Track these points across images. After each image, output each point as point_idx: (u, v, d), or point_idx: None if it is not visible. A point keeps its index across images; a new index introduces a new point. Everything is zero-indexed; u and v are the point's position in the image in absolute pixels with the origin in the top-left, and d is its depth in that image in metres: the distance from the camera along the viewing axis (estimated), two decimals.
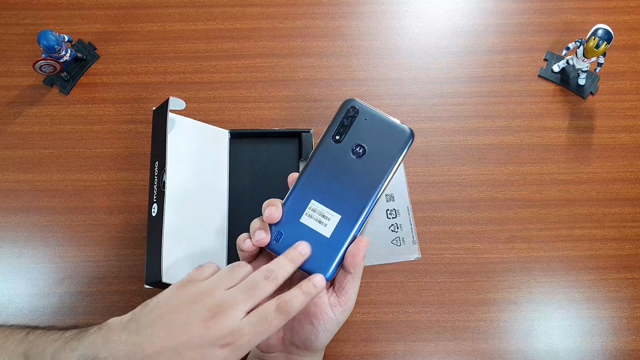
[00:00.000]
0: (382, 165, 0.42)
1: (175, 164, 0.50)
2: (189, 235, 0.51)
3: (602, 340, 0.56)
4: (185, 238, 0.51)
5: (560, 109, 0.65)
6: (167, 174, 0.49)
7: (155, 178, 0.50)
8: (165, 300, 0.38)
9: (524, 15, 0.69)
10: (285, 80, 0.67)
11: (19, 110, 0.66)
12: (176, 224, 0.49)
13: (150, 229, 0.49)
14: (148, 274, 0.48)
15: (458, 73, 0.67)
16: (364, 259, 0.41)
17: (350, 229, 0.41)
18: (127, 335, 0.36)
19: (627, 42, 0.68)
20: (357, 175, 0.42)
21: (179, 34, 0.69)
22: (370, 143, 0.42)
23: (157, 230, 0.48)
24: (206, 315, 0.37)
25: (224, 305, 0.37)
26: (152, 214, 0.49)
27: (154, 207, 0.49)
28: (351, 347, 0.56)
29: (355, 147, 0.42)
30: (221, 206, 0.57)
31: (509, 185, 0.62)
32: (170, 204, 0.48)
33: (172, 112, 0.51)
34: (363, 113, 0.43)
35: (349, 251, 0.41)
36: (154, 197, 0.50)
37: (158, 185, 0.49)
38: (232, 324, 0.36)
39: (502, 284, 0.58)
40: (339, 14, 0.70)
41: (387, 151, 0.42)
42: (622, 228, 0.60)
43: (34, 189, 0.63)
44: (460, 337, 0.56)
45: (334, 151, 0.42)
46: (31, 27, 0.70)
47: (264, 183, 0.60)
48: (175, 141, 0.51)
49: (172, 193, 0.49)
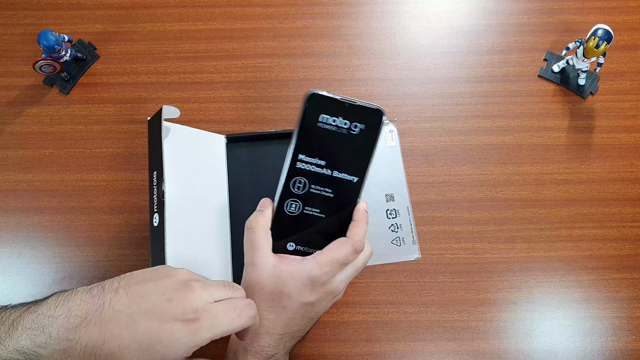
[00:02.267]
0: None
1: (173, 173, 0.50)
2: (192, 243, 0.51)
3: (602, 340, 0.56)
4: (189, 246, 0.50)
5: (560, 109, 0.65)
6: (166, 183, 0.48)
7: (154, 188, 0.50)
8: (138, 274, 0.38)
9: (524, 15, 0.69)
10: (285, 80, 0.67)
11: (19, 110, 0.66)
12: (178, 233, 0.49)
13: (153, 239, 0.49)
14: None
15: (458, 73, 0.67)
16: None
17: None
18: (89, 298, 0.36)
19: (627, 42, 0.68)
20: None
21: (179, 34, 0.69)
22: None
23: (159, 240, 0.47)
24: (173, 291, 0.36)
25: (194, 286, 0.36)
26: (154, 224, 0.49)
27: (155, 217, 0.49)
28: (351, 347, 0.56)
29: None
30: (222, 212, 0.57)
31: (509, 185, 0.62)
32: (171, 214, 0.48)
33: (166, 120, 0.51)
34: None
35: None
36: (155, 207, 0.49)
37: (158, 195, 0.49)
38: (198, 303, 0.36)
39: (502, 284, 0.58)
40: (339, 14, 0.70)
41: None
42: (622, 228, 0.60)
43: (34, 189, 0.63)
44: (460, 337, 0.56)
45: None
46: (31, 27, 0.70)
47: (264, 186, 0.60)
48: (171, 150, 0.51)
49: (173, 202, 0.49)
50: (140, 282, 0.37)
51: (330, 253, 0.41)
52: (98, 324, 0.34)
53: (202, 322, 0.35)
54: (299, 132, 0.40)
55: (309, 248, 0.42)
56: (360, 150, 0.41)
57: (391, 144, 0.64)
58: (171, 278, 0.37)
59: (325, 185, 0.41)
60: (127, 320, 0.34)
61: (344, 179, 0.41)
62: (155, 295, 0.36)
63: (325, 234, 0.42)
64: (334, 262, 0.41)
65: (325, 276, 0.41)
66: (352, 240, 0.42)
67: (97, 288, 0.36)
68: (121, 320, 0.34)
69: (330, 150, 0.40)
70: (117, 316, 0.35)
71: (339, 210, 0.42)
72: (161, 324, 0.35)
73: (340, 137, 0.40)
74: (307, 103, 0.39)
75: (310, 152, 0.40)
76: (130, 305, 0.35)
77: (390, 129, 0.64)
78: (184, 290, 0.36)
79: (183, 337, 0.35)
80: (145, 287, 0.36)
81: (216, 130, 0.60)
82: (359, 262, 0.43)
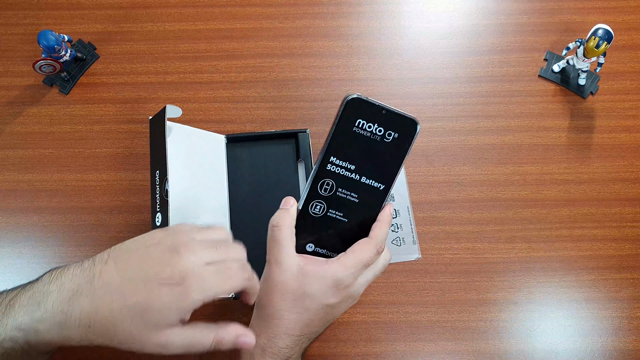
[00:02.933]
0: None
1: (176, 172, 0.50)
2: None
3: (602, 340, 0.56)
4: None
5: (560, 109, 0.65)
6: (169, 182, 0.48)
7: (157, 187, 0.50)
8: (127, 244, 0.38)
9: (524, 15, 0.69)
10: (285, 80, 0.67)
11: (19, 110, 0.66)
12: None
13: None
14: None
15: (458, 73, 0.67)
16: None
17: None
18: (80, 271, 0.36)
19: (627, 42, 0.68)
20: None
21: (178, 34, 0.69)
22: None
23: None
24: (160, 257, 0.36)
25: (181, 251, 0.36)
26: (157, 223, 0.49)
27: (157, 217, 0.49)
28: (351, 347, 0.56)
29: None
30: (222, 211, 0.57)
31: (509, 185, 0.62)
32: (174, 213, 0.48)
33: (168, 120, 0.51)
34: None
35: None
36: (157, 206, 0.49)
37: (161, 195, 0.49)
38: (186, 267, 0.36)
39: (502, 284, 0.58)
40: (339, 14, 0.70)
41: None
42: (622, 228, 0.60)
43: (34, 189, 0.63)
44: (460, 337, 0.56)
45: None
46: (31, 27, 0.70)
47: (264, 186, 0.60)
48: (174, 149, 0.51)
49: (175, 201, 0.49)
50: (129, 251, 0.37)
51: (355, 254, 0.41)
52: (89, 295, 0.35)
53: (190, 286, 0.35)
54: (334, 135, 0.39)
55: (327, 250, 0.42)
56: (391, 158, 0.41)
57: None
58: (159, 245, 0.37)
59: (351, 189, 0.41)
60: (117, 289, 0.35)
61: (371, 185, 0.41)
62: (143, 262, 0.36)
63: (344, 238, 0.42)
64: (359, 264, 0.41)
65: (349, 278, 0.41)
66: (375, 241, 0.42)
67: (88, 261, 0.37)
68: (110, 289, 0.35)
69: (362, 156, 0.40)
70: (107, 286, 0.35)
71: (361, 216, 0.42)
72: (148, 290, 0.35)
73: (373, 143, 0.40)
74: (345, 106, 0.38)
75: (342, 156, 0.40)
76: (119, 274, 0.36)
77: None
78: (170, 255, 0.36)
79: (172, 302, 0.35)
80: (133, 256, 0.37)
81: (216, 130, 0.60)
82: (379, 264, 0.43)
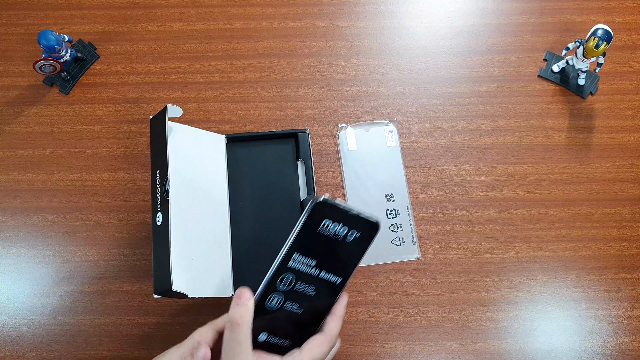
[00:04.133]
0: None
1: (177, 171, 0.50)
2: (194, 242, 0.51)
3: (602, 340, 0.56)
4: (191, 246, 0.50)
5: (560, 109, 0.65)
6: (170, 182, 0.48)
7: (157, 187, 0.49)
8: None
9: (524, 15, 0.69)
10: (285, 80, 0.67)
11: (19, 110, 0.66)
12: (181, 232, 0.49)
13: (155, 238, 0.48)
14: (156, 284, 0.46)
15: (458, 73, 0.67)
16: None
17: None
18: None
19: (627, 42, 0.68)
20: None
21: (179, 34, 0.69)
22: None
23: (163, 239, 0.47)
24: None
25: None
26: (157, 222, 0.48)
27: (158, 216, 0.49)
28: (351, 347, 0.56)
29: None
30: (223, 210, 0.57)
31: (509, 185, 0.62)
32: (175, 212, 0.48)
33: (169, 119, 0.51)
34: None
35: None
36: (158, 205, 0.49)
37: (161, 194, 0.49)
38: None
39: (502, 284, 0.58)
40: (339, 14, 0.70)
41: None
42: (622, 228, 0.60)
43: (34, 189, 0.63)
44: (460, 337, 0.56)
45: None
46: (31, 27, 0.70)
47: (264, 185, 0.60)
48: (174, 149, 0.51)
49: (176, 201, 0.49)
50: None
51: (311, 353, 0.42)
52: None
53: None
54: (299, 233, 0.40)
55: (280, 339, 0.43)
56: (351, 255, 0.42)
57: (391, 144, 0.64)
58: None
59: (310, 283, 0.42)
60: None
61: (328, 280, 0.42)
62: None
63: (298, 327, 0.43)
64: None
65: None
66: (329, 336, 0.43)
67: None
68: None
69: (324, 253, 0.41)
70: None
71: (317, 307, 0.43)
72: None
73: (336, 242, 0.41)
74: (313, 209, 0.39)
75: (305, 252, 0.40)
76: None
77: (390, 129, 0.64)
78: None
79: None
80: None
81: (216, 130, 0.60)
82: (330, 355, 0.44)
